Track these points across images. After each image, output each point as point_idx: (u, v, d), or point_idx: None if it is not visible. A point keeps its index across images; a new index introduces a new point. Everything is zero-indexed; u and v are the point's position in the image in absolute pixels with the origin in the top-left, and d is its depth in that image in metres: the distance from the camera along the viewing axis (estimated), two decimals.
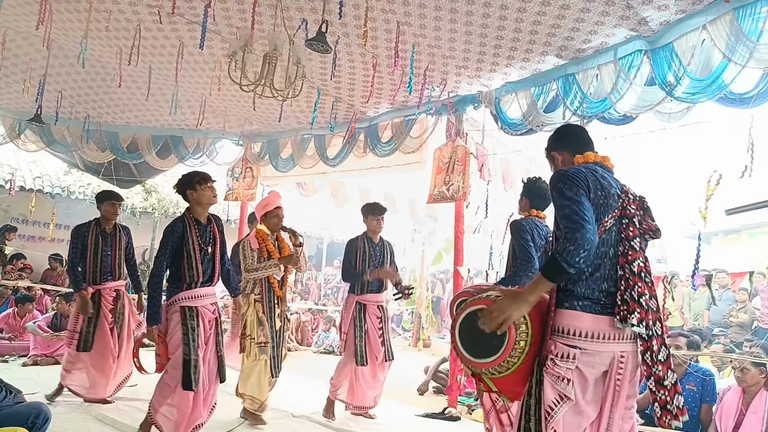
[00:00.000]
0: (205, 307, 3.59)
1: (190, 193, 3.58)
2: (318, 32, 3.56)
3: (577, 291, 1.96)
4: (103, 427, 4.07)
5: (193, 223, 3.57)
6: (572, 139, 2.23)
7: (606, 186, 2.01)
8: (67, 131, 7.52)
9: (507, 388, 2.08)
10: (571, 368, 1.90)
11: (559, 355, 1.93)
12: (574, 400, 1.88)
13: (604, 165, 2.14)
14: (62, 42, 5.36)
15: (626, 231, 1.98)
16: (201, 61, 5.35)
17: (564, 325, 1.96)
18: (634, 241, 1.97)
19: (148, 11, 4.52)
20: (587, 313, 1.94)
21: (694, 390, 4.35)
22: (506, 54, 4.50)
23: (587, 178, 1.99)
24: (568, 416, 1.90)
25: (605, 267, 1.98)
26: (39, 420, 2.55)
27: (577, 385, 1.90)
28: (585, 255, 1.84)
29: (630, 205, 2.01)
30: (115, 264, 4.73)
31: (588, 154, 2.15)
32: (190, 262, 3.50)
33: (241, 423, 4.36)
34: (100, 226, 4.71)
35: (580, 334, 1.93)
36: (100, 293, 4.65)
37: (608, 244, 1.99)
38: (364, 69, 5.10)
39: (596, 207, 1.97)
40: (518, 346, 1.95)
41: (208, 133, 7.57)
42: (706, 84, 3.53)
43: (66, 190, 10.72)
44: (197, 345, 3.44)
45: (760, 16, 3.21)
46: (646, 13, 3.66)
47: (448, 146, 5.60)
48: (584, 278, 1.96)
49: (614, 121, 4.29)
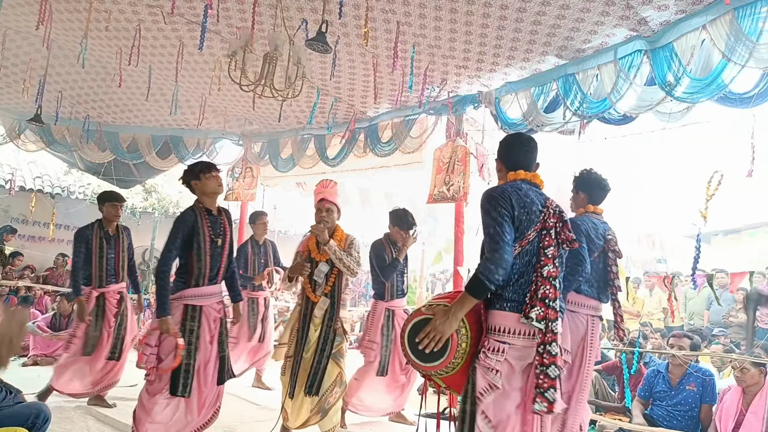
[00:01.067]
0: (211, 306, 3.45)
1: (195, 183, 3.48)
2: (318, 32, 3.56)
3: (506, 294, 2.22)
4: (103, 427, 4.07)
5: (204, 214, 3.43)
6: (510, 154, 2.47)
7: (528, 203, 2.26)
8: (67, 131, 7.52)
9: (454, 384, 2.33)
10: (500, 360, 2.16)
11: (490, 349, 2.19)
12: (501, 388, 2.16)
13: (531, 182, 2.38)
14: (62, 42, 5.36)
15: (543, 241, 2.24)
16: (201, 61, 5.35)
17: (495, 324, 2.22)
18: (548, 249, 2.23)
19: (148, 11, 4.52)
20: (514, 313, 2.20)
21: (695, 390, 4.35)
22: (506, 54, 4.50)
23: (511, 197, 2.24)
24: (498, 401, 2.17)
25: (528, 273, 2.24)
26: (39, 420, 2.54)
27: (506, 375, 2.17)
28: (503, 273, 2.13)
29: (550, 219, 2.26)
30: (119, 266, 4.69)
31: (519, 173, 2.38)
32: (200, 254, 3.35)
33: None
34: (103, 228, 4.65)
35: (508, 332, 2.20)
36: (104, 296, 4.60)
37: (531, 253, 2.25)
38: (364, 69, 5.10)
39: (519, 223, 2.22)
40: (460, 348, 2.21)
41: (208, 133, 7.56)
42: (705, 84, 3.53)
43: (66, 190, 10.72)
44: (194, 348, 3.30)
45: (760, 16, 3.21)
46: (646, 13, 3.66)
47: (448, 146, 5.60)
48: (511, 284, 2.22)
49: (614, 121, 4.29)
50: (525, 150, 2.46)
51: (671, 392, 4.42)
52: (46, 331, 6.35)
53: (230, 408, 4.79)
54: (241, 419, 4.50)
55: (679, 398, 4.37)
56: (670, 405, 4.39)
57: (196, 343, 3.33)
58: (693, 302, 8.37)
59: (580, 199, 3.42)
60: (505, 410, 2.17)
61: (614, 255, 3.38)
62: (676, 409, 4.36)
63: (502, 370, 2.17)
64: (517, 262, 2.22)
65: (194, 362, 3.31)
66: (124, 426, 4.01)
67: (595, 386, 5.14)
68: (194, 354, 3.31)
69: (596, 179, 3.38)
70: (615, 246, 3.38)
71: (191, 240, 3.34)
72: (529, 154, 2.45)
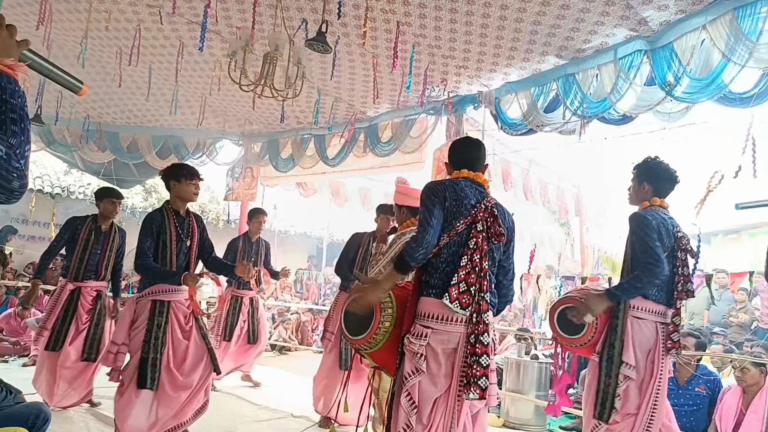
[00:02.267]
0: (179, 301, 3.48)
1: (173, 184, 3.51)
2: (318, 32, 3.56)
3: (432, 282, 2.36)
4: (103, 427, 4.07)
5: (172, 215, 3.51)
6: (456, 156, 2.64)
7: (462, 197, 2.41)
8: (67, 131, 7.52)
9: (382, 362, 2.51)
10: (423, 344, 2.28)
11: (415, 334, 2.32)
12: (425, 372, 2.27)
13: (473, 180, 2.53)
14: (62, 42, 5.36)
15: (474, 234, 2.37)
16: (201, 61, 5.35)
17: (421, 310, 2.36)
18: (472, 241, 2.36)
19: (148, 11, 4.52)
20: (438, 299, 2.32)
21: (704, 393, 4.34)
22: (506, 54, 4.50)
23: (446, 190, 2.41)
24: (424, 384, 2.28)
25: (455, 263, 2.35)
26: (39, 420, 2.54)
27: (431, 359, 2.29)
28: (423, 252, 2.30)
29: (480, 213, 2.39)
30: (102, 264, 4.50)
31: (462, 171, 2.55)
32: (165, 253, 3.44)
33: None
34: (96, 222, 4.52)
35: (433, 317, 2.32)
36: (80, 291, 4.40)
37: (459, 244, 2.37)
38: (364, 69, 5.10)
39: (449, 213, 2.38)
40: (383, 326, 2.37)
41: (208, 133, 7.56)
42: (705, 84, 3.54)
43: (66, 190, 10.71)
44: (161, 343, 3.34)
45: (760, 16, 3.21)
46: (646, 13, 3.66)
47: (448, 146, 5.60)
48: (438, 271, 2.36)
49: (614, 121, 4.29)
50: (469, 152, 2.63)
51: (678, 391, 4.42)
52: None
53: (230, 408, 4.79)
54: (241, 419, 4.50)
55: (687, 398, 4.37)
56: (676, 405, 4.40)
57: (163, 338, 3.36)
58: (693, 302, 8.36)
59: (645, 190, 3.06)
60: (429, 393, 2.28)
61: (685, 255, 3.00)
62: (681, 408, 4.36)
63: (427, 355, 2.28)
64: (444, 251, 2.36)
65: (161, 356, 3.34)
66: None
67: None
68: (161, 348, 3.33)
69: (664, 169, 3.08)
70: (687, 244, 3.01)
71: (157, 240, 3.44)
72: (473, 156, 2.61)
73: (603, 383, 2.86)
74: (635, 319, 2.86)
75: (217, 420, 4.25)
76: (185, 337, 3.45)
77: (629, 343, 2.81)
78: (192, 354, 3.45)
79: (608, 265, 10.79)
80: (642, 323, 2.88)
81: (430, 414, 2.26)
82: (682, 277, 2.95)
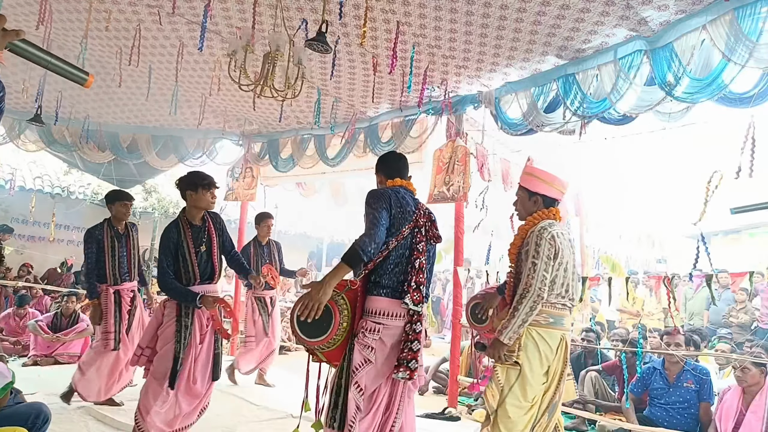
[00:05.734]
0: None
1: (190, 194, 3.56)
2: (318, 32, 3.56)
3: (383, 282, 2.60)
4: (103, 427, 4.07)
5: (187, 227, 3.57)
6: (388, 167, 2.91)
7: (404, 204, 2.68)
8: (67, 131, 7.52)
9: (333, 358, 2.69)
10: (376, 339, 2.55)
11: (368, 329, 2.57)
12: (374, 363, 2.55)
13: (406, 188, 2.81)
14: (62, 42, 5.36)
15: (415, 237, 2.64)
16: (201, 61, 5.35)
17: (372, 308, 2.60)
18: (420, 244, 2.65)
19: (148, 11, 4.52)
20: (388, 298, 2.59)
21: (692, 387, 4.36)
22: (506, 54, 4.50)
23: (390, 197, 2.66)
24: (371, 373, 2.56)
25: (402, 264, 2.62)
26: (39, 420, 2.55)
27: (379, 352, 2.56)
28: (375, 247, 2.51)
29: (420, 218, 2.67)
30: (131, 264, 4.74)
31: (396, 180, 2.82)
32: (186, 265, 3.51)
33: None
34: (113, 227, 4.65)
35: (383, 314, 2.58)
36: (120, 294, 4.63)
37: (405, 247, 2.64)
38: (364, 69, 5.10)
39: (396, 219, 2.62)
40: (342, 326, 2.58)
41: (208, 133, 7.56)
42: (705, 84, 3.53)
43: (66, 190, 10.71)
44: (187, 343, 3.43)
45: (760, 16, 3.21)
46: (646, 13, 3.66)
47: (448, 146, 5.60)
48: (387, 272, 2.61)
49: (614, 121, 4.29)
50: (397, 163, 2.92)
51: (669, 389, 4.43)
52: (47, 332, 6.34)
53: (230, 408, 4.79)
54: (241, 419, 4.50)
55: (677, 396, 4.38)
56: (668, 403, 4.40)
57: (189, 339, 3.45)
58: (692, 302, 8.37)
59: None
60: (376, 381, 2.58)
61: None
62: (674, 407, 4.37)
63: (376, 347, 2.55)
64: (393, 254, 2.61)
65: (185, 356, 3.43)
66: (124, 426, 4.01)
67: (595, 386, 5.15)
68: (185, 349, 3.43)
69: None
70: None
71: (176, 253, 3.53)
72: (402, 167, 2.90)
73: None
74: None
75: (217, 420, 4.26)
76: (201, 340, 3.53)
77: None
78: (206, 357, 3.55)
79: (608, 265, 10.79)
80: None
81: (373, 396, 2.57)
82: None
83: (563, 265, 2.78)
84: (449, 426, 4.89)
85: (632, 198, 12.03)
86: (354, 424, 2.48)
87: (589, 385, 5.14)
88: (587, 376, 5.22)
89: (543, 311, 2.76)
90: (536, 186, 2.91)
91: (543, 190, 2.90)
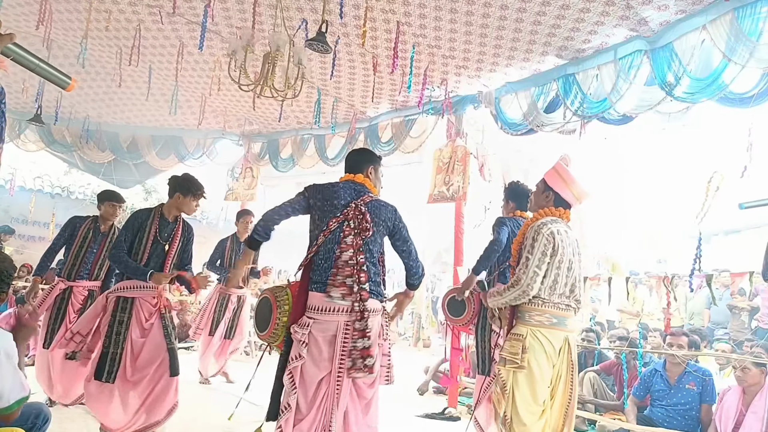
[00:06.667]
0: (144, 298, 3.51)
1: (178, 196, 3.62)
2: (318, 32, 3.56)
3: (315, 278, 2.63)
4: None
5: (158, 216, 3.62)
6: (345, 164, 2.97)
7: (333, 197, 2.71)
8: (67, 131, 7.52)
9: None
10: (306, 333, 2.55)
11: (300, 324, 2.58)
12: (305, 358, 2.54)
13: (353, 182, 2.83)
14: (62, 42, 5.36)
15: (344, 231, 2.65)
16: (201, 61, 5.35)
17: (308, 303, 2.63)
18: (348, 238, 2.64)
19: (148, 11, 4.52)
20: (318, 293, 2.61)
21: (694, 389, 4.34)
22: (506, 54, 4.50)
23: (318, 191, 2.75)
24: (307, 367, 2.55)
25: (331, 259, 2.63)
26: (39, 420, 2.54)
27: (312, 346, 2.56)
28: (263, 224, 2.72)
29: (351, 212, 2.67)
30: (96, 263, 4.53)
31: (346, 176, 2.87)
32: (138, 250, 3.52)
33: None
34: (96, 223, 4.57)
35: (314, 309, 2.60)
36: (71, 290, 4.43)
37: (333, 241, 2.65)
38: (364, 69, 5.10)
39: (320, 211, 2.71)
40: (281, 321, 2.64)
41: (208, 133, 7.57)
42: (705, 84, 3.53)
43: (66, 190, 10.71)
44: (122, 338, 3.41)
45: (760, 16, 3.21)
46: (646, 13, 3.66)
47: (448, 146, 5.60)
48: (318, 267, 2.64)
49: (614, 121, 4.29)
50: (353, 158, 2.96)
51: (670, 391, 4.41)
52: None
53: (230, 408, 4.79)
54: (240, 419, 4.50)
55: (678, 397, 4.36)
56: (670, 405, 4.39)
57: (125, 333, 3.43)
58: (693, 302, 8.35)
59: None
60: (312, 375, 2.55)
61: None
62: (675, 409, 4.35)
63: (309, 342, 2.55)
64: (322, 249, 2.65)
65: (120, 351, 3.41)
66: None
67: (594, 386, 5.15)
68: (121, 343, 3.41)
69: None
70: None
71: (135, 236, 3.54)
72: (356, 161, 2.92)
73: (480, 347, 3.81)
74: None
75: (216, 420, 4.25)
76: (143, 335, 3.49)
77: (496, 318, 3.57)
78: (147, 351, 3.47)
79: (608, 264, 10.78)
80: None
81: (314, 393, 2.54)
82: None
83: (564, 263, 2.67)
84: (449, 426, 4.88)
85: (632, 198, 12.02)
86: (282, 414, 2.51)
87: (588, 385, 5.14)
88: (586, 376, 5.22)
89: (546, 312, 2.67)
90: (554, 182, 2.84)
91: (558, 188, 2.81)
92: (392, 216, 2.81)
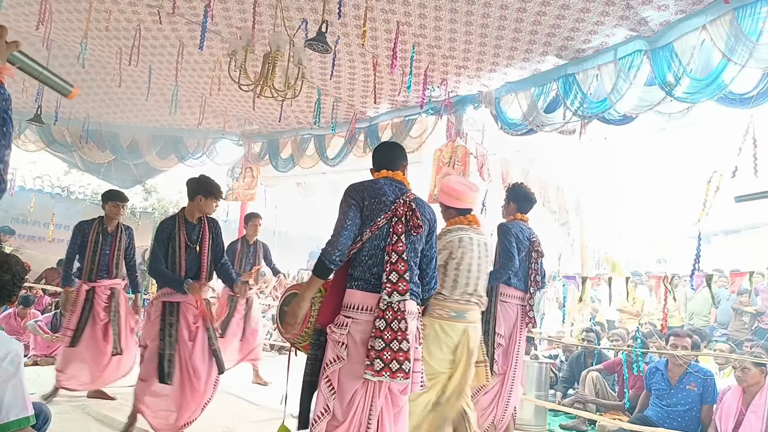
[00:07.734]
0: (189, 302, 3.62)
1: (200, 198, 3.68)
2: (318, 32, 3.56)
3: (356, 274, 2.49)
4: (103, 427, 4.07)
5: (183, 222, 3.70)
6: (376, 160, 2.80)
7: (380, 195, 2.56)
8: (67, 131, 7.52)
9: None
10: (344, 334, 2.39)
11: (337, 324, 2.43)
12: (347, 360, 2.38)
13: (392, 179, 2.69)
14: (62, 42, 5.36)
15: (395, 228, 2.51)
16: (201, 61, 5.35)
17: (346, 301, 2.47)
18: (397, 235, 2.50)
19: (148, 11, 4.52)
20: (360, 291, 2.46)
21: (695, 390, 4.34)
22: (506, 54, 4.50)
23: (365, 190, 2.55)
24: (344, 371, 2.39)
25: (377, 256, 2.49)
26: (39, 420, 2.54)
27: (351, 348, 2.39)
28: (339, 254, 2.42)
29: (400, 208, 2.54)
30: (112, 263, 4.74)
31: (382, 172, 2.71)
32: (174, 258, 3.62)
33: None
34: (102, 224, 4.73)
35: (353, 307, 2.44)
36: (95, 290, 4.65)
37: (380, 238, 2.51)
38: (364, 69, 5.10)
39: (369, 211, 2.51)
40: (313, 320, 2.54)
41: (208, 133, 7.57)
42: (705, 84, 3.53)
43: (66, 190, 10.72)
44: (174, 340, 3.52)
45: (760, 16, 3.21)
46: (646, 13, 3.66)
47: (448, 146, 5.60)
48: (361, 264, 2.49)
49: (614, 121, 4.29)
50: (386, 153, 2.81)
51: (670, 390, 4.41)
52: (46, 332, 6.34)
53: (230, 408, 4.79)
54: (240, 419, 4.50)
55: (679, 398, 4.36)
56: (669, 405, 4.39)
57: (176, 335, 3.54)
58: (693, 302, 8.35)
59: (511, 208, 3.91)
60: (349, 380, 2.39)
61: (537, 254, 3.90)
62: (674, 409, 4.35)
63: (348, 343, 2.40)
64: (367, 245, 2.49)
65: (175, 352, 3.52)
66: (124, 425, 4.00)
67: (596, 385, 5.15)
68: (175, 345, 3.52)
69: (525, 192, 3.90)
70: (538, 247, 3.91)
71: (168, 245, 3.63)
72: (392, 158, 2.78)
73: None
74: (502, 303, 3.79)
75: (217, 420, 4.25)
76: (191, 338, 3.60)
77: (500, 320, 3.73)
78: (196, 354, 3.59)
79: (608, 265, 10.78)
80: (507, 305, 3.80)
81: (351, 399, 2.39)
82: (534, 271, 3.86)
83: (463, 266, 3.20)
84: None
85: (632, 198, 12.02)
86: (318, 421, 2.37)
87: (590, 385, 5.14)
88: (588, 376, 5.22)
89: (446, 306, 3.18)
90: (446, 200, 3.38)
91: (450, 203, 3.36)
92: (433, 216, 2.73)
